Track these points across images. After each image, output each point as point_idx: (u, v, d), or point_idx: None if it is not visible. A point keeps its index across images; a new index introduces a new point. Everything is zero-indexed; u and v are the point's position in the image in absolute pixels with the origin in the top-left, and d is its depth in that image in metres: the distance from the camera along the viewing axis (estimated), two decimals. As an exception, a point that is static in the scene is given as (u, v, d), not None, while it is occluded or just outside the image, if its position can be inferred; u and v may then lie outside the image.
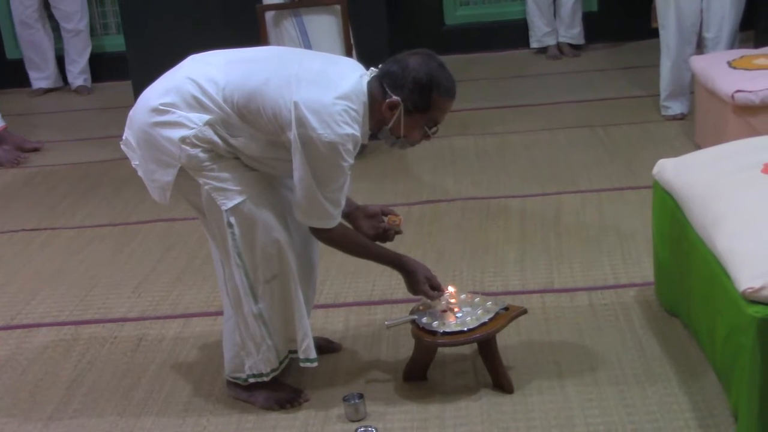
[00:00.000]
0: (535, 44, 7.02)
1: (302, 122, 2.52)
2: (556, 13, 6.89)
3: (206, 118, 2.59)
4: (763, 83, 4.10)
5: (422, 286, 2.82)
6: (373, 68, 2.70)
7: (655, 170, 3.14)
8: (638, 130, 5.14)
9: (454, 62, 7.42)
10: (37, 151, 5.71)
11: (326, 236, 2.73)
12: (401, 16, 6.86)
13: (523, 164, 4.80)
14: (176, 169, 2.63)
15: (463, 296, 2.88)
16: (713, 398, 2.68)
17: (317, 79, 2.59)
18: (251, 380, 2.83)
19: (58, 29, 7.10)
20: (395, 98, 2.61)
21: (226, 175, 2.63)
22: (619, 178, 4.48)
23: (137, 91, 2.94)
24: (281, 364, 2.84)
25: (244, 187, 2.64)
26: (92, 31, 7.30)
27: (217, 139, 2.61)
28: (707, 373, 2.77)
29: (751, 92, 4.08)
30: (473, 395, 2.80)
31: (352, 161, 2.60)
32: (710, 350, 2.70)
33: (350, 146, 2.57)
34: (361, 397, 2.75)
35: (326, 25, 4.84)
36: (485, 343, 2.78)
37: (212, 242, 2.80)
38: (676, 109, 5.21)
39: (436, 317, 2.79)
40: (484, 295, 2.94)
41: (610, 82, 6.18)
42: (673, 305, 3.11)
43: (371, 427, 2.68)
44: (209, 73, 2.65)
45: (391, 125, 2.66)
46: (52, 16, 7.04)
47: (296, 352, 2.81)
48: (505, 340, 2.95)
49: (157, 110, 2.63)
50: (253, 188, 2.66)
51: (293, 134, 2.54)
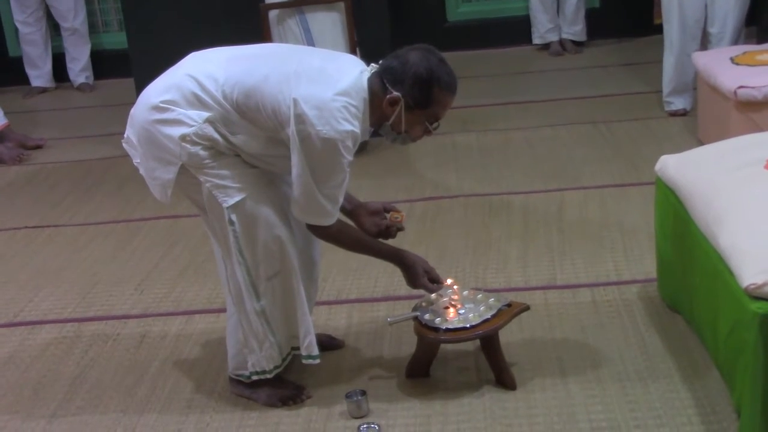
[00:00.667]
0: (537, 40, 7.01)
1: (301, 119, 2.51)
2: (559, 9, 6.88)
3: (206, 115, 2.59)
4: (765, 79, 4.09)
5: (422, 279, 2.81)
6: (373, 64, 2.69)
7: (657, 166, 3.14)
8: (641, 126, 5.13)
9: (456, 59, 7.39)
10: (39, 148, 5.72)
11: (324, 233, 2.72)
12: (404, 13, 6.85)
13: (525, 161, 4.80)
14: (177, 167, 2.63)
15: (465, 293, 2.88)
16: (716, 394, 2.68)
17: (317, 75, 2.58)
18: (254, 377, 2.83)
19: (58, 28, 7.11)
20: (396, 94, 2.60)
21: (226, 172, 2.63)
22: (621, 174, 4.47)
23: (139, 88, 2.93)
24: (284, 361, 2.84)
25: (244, 184, 2.64)
26: (94, 28, 7.30)
27: (217, 136, 2.60)
28: (710, 369, 2.77)
29: (753, 88, 4.08)
30: (476, 392, 2.80)
31: (351, 158, 2.59)
32: (713, 346, 2.70)
33: (349, 143, 2.55)
34: (363, 393, 2.76)
35: (329, 22, 4.84)
36: (488, 339, 2.79)
37: (214, 239, 2.80)
38: (678, 105, 5.20)
39: (438, 314, 2.79)
40: (486, 291, 2.93)
41: (612, 78, 6.17)
42: (675, 301, 3.10)
43: (374, 423, 2.68)
44: (209, 69, 2.64)
45: (392, 121, 2.65)
46: (51, 15, 7.05)
47: (299, 348, 2.82)
48: (507, 336, 2.95)
49: (157, 108, 2.63)
50: (253, 185, 2.66)
51: (292, 131, 2.53)
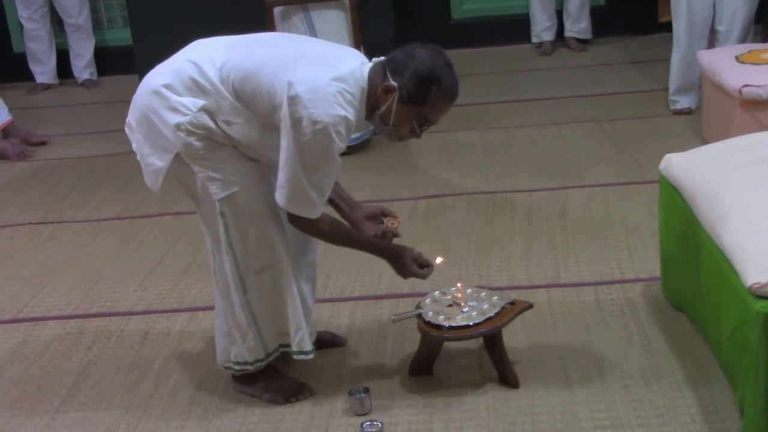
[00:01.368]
0: (534, 39, 6.98)
1: (294, 101, 2.46)
2: (563, 7, 6.86)
3: (201, 103, 2.56)
4: (770, 78, 4.09)
5: (411, 267, 2.77)
6: (376, 58, 2.65)
7: (662, 165, 3.14)
8: (645, 124, 5.12)
9: (461, 56, 7.38)
10: (43, 144, 5.72)
11: (311, 227, 2.65)
12: (408, 10, 6.84)
13: (529, 158, 4.80)
14: (172, 155, 2.61)
15: (468, 291, 2.88)
16: (719, 393, 2.67)
17: (314, 61, 2.55)
18: (237, 367, 2.82)
19: (62, 24, 7.11)
20: (392, 83, 2.55)
21: (220, 165, 2.61)
22: (625, 172, 4.46)
23: (143, 85, 2.93)
24: (268, 356, 2.82)
25: (238, 177, 2.61)
26: (98, 24, 7.30)
27: (212, 125, 2.57)
28: (713, 368, 2.77)
29: (758, 87, 4.07)
30: (479, 390, 2.80)
31: (343, 146, 2.53)
32: (716, 345, 2.69)
33: (342, 129, 2.50)
34: (366, 391, 2.76)
35: (334, 20, 4.84)
36: (491, 337, 2.79)
37: (205, 230, 2.78)
38: (684, 103, 5.19)
39: (442, 312, 2.79)
40: (490, 289, 2.93)
41: (617, 76, 6.16)
42: (679, 300, 3.10)
43: (377, 421, 2.68)
44: (209, 53, 2.62)
45: (382, 110, 2.59)
46: (54, 11, 7.05)
47: (289, 346, 2.80)
48: (510, 334, 2.95)
49: (155, 93, 2.61)
50: (247, 179, 2.63)
51: (284, 112, 2.48)
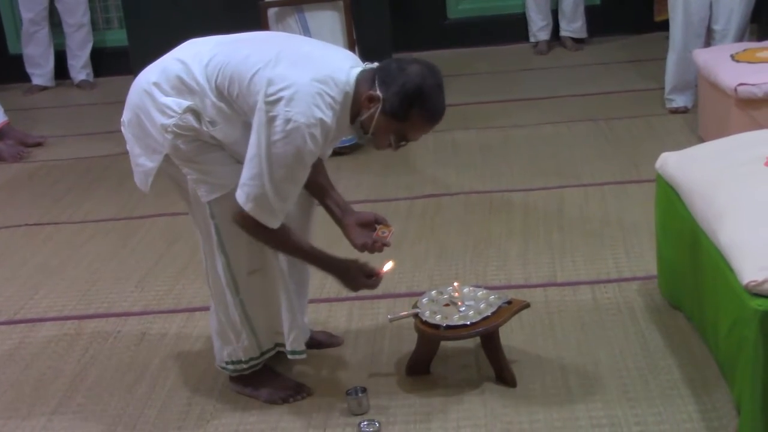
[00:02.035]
0: (531, 38, 7.00)
1: (271, 98, 2.42)
2: (558, 6, 6.86)
3: (186, 104, 2.53)
4: (766, 76, 4.09)
5: (359, 279, 2.71)
6: (370, 64, 2.61)
7: (658, 163, 3.14)
8: (641, 123, 5.13)
9: (456, 56, 7.38)
10: (39, 146, 5.71)
11: (267, 235, 2.56)
12: (404, 10, 6.85)
13: (525, 158, 4.80)
14: (161, 155, 2.60)
15: (465, 290, 2.88)
16: (716, 391, 2.68)
17: (298, 60, 2.51)
18: (231, 367, 2.82)
19: (59, 25, 7.09)
20: (377, 93, 2.49)
21: (209, 167, 2.59)
22: (622, 171, 4.47)
23: (139, 85, 2.92)
24: (263, 355, 2.83)
25: (228, 179, 2.58)
26: (94, 25, 7.28)
27: (198, 126, 2.55)
28: (710, 366, 2.78)
29: (754, 85, 4.08)
30: (476, 389, 2.80)
31: (316, 150, 2.47)
32: (713, 343, 2.70)
33: (317, 132, 2.43)
34: (364, 390, 2.76)
35: (329, 20, 4.83)
36: (488, 336, 2.79)
37: (196, 230, 2.78)
38: (680, 102, 5.20)
39: (439, 311, 2.79)
40: (486, 288, 2.93)
41: (613, 75, 6.17)
42: (676, 298, 3.11)
43: (374, 420, 2.68)
44: (199, 51, 2.61)
45: (363, 117, 2.53)
46: (54, 12, 7.03)
47: (284, 345, 2.81)
48: (507, 334, 2.95)
49: (145, 91, 2.60)
50: (236, 181, 2.56)
51: (259, 109, 2.44)
